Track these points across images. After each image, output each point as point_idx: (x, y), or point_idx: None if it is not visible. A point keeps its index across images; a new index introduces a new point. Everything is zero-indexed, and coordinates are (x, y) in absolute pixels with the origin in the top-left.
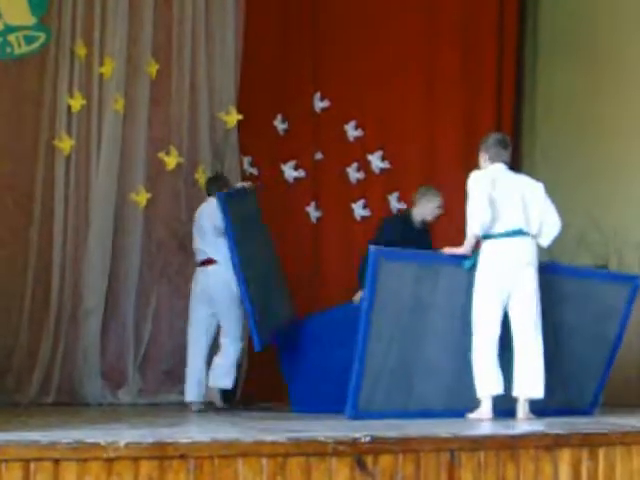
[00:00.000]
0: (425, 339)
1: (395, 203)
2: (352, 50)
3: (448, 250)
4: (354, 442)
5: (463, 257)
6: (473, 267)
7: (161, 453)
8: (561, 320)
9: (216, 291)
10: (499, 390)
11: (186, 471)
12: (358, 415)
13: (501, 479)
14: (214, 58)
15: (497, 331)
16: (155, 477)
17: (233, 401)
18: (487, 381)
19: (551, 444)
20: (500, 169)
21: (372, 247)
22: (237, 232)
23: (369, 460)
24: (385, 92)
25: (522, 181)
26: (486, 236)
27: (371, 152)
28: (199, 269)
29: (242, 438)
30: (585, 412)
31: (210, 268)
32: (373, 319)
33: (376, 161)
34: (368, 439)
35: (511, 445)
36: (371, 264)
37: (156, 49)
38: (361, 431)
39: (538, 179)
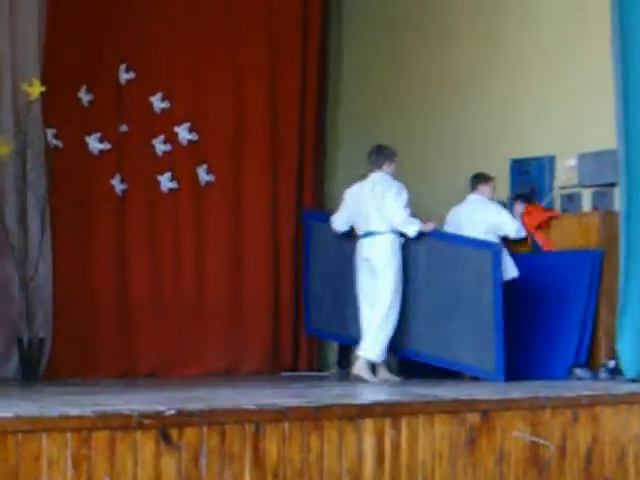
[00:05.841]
0: (351, 282)
1: (204, 175)
2: (159, 22)
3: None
4: (158, 415)
5: None
6: None
7: None
8: (441, 283)
9: None
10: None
11: None
12: (311, 332)
13: (305, 450)
14: (17, 29)
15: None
16: None
17: (37, 376)
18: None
19: (354, 414)
20: (368, 179)
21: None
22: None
23: (174, 433)
24: (193, 65)
25: (373, 187)
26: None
27: (178, 124)
28: None
29: (45, 413)
30: (492, 378)
31: None
32: (311, 262)
33: (183, 133)
34: (172, 412)
35: (315, 416)
36: (304, 223)
37: None
38: (167, 404)
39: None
